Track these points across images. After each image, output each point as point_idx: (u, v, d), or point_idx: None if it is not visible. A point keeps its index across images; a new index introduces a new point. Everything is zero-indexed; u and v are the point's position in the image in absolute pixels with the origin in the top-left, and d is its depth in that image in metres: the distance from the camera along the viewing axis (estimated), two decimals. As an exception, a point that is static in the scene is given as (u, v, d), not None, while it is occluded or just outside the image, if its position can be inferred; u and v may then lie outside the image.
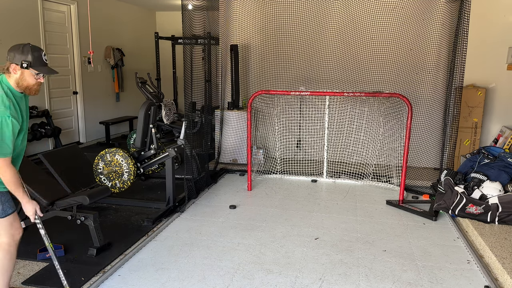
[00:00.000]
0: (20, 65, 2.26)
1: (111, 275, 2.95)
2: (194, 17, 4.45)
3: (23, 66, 2.26)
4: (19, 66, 2.26)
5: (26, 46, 2.29)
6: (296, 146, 5.82)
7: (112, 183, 4.37)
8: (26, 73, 2.28)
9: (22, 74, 2.28)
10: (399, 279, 2.91)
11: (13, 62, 2.26)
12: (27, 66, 2.26)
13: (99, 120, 7.56)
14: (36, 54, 2.30)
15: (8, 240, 2.41)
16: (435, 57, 5.35)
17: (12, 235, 2.42)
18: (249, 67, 6.05)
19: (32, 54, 2.28)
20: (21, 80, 2.29)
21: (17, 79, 2.28)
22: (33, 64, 2.29)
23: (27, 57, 2.27)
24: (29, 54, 2.27)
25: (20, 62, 2.26)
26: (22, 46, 2.29)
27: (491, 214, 3.72)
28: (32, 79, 2.31)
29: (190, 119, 4.69)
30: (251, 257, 3.22)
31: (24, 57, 2.26)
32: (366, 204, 4.42)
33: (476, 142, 5.56)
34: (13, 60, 2.26)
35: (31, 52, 2.28)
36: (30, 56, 2.28)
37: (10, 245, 2.43)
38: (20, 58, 2.26)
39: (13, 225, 2.43)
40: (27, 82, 2.30)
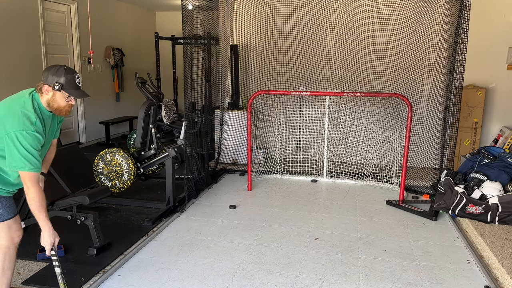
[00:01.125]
0: (52, 87, 2.28)
1: (111, 275, 2.95)
2: (194, 17, 4.45)
3: (55, 88, 2.28)
4: (51, 87, 2.29)
5: (60, 68, 2.31)
6: (296, 146, 5.82)
7: (112, 183, 4.37)
8: (58, 95, 2.31)
9: (53, 96, 2.31)
10: (399, 279, 2.91)
11: (46, 83, 2.29)
12: (59, 88, 2.29)
13: (99, 120, 7.56)
14: (69, 77, 2.32)
15: (7, 243, 2.41)
16: (435, 57, 5.35)
17: (11, 238, 2.42)
18: (249, 67, 6.05)
19: (65, 77, 2.30)
20: (52, 101, 2.32)
21: (48, 99, 2.31)
22: (65, 87, 2.30)
23: (59, 79, 2.28)
24: (62, 76, 2.29)
25: (52, 84, 2.28)
26: (57, 68, 2.31)
27: (491, 214, 3.72)
28: (63, 101, 2.33)
29: (190, 119, 4.69)
30: (251, 257, 3.22)
31: (56, 79, 2.28)
32: (366, 204, 4.42)
33: (476, 142, 5.56)
34: (46, 81, 2.29)
35: (64, 74, 2.30)
36: (63, 79, 2.29)
37: (10, 248, 2.42)
38: (53, 80, 2.28)
39: (13, 227, 2.42)
40: (57, 103, 2.33)
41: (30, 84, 2.50)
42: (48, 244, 2.31)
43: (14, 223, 2.44)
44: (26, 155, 2.17)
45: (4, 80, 5.66)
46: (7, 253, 2.41)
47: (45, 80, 2.29)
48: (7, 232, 2.40)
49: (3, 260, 2.40)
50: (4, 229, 2.39)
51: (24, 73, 6.00)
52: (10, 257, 2.43)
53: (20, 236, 2.47)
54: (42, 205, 2.25)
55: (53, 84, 2.27)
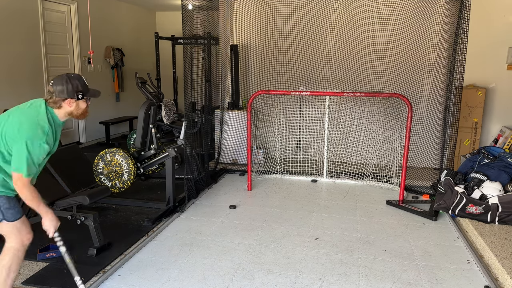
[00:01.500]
0: (75, 98, 2.36)
1: (111, 275, 2.95)
2: (194, 17, 4.45)
3: (79, 97, 2.37)
4: (74, 99, 2.36)
5: (70, 78, 2.37)
6: (296, 146, 5.81)
7: (112, 183, 4.37)
8: (80, 102, 2.40)
9: (77, 105, 2.39)
10: (399, 279, 2.91)
11: (66, 97, 2.34)
12: (82, 97, 2.38)
13: (99, 120, 7.56)
14: (81, 81, 2.41)
15: (17, 246, 2.42)
16: (435, 57, 5.35)
17: (21, 240, 2.44)
18: (249, 67, 6.05)
19: (80, 83, 2.38)
20: (77, 110, 2.41)
21: (71, 111, 2.39)
22: (84, 92, 2.40)
23: (78, 88, 2.36)
24: (78, 85, 2.37)
25: (74, 95, 2.35)
26: (65, 79, 2.36)
27: (491, 214, 3.72)
28: (84, 104, 2.44)
29: (190, 119, 4.69)
30: (251, 257, 3.22)
31: (75, 88, 2.35)
32: (366, 204, 4.42)
33: (476, 142, 5.56)
34: (64, 95, 2.33)
35: (78, 81, 2.38)
36: (80, 86, 2.38)
37: (19, 250, 2.43)
38: (73, 92, 2.35)
39: (23, 229, 2.44)
40: (81, 109, 2.44)
41: (30, 84, 2.51)
42: (50, 227, 2.40)
43: (24, 225, 2.45)
44: (29, 162, 2.24)
45: (4, 80, 5.66)
46: (15, 255, 2.42)
47: (62, 94, 2.33)
48: (17, 234, 2.41)
49: (10, 263, 2.41)
50: (15, 231, 2.41)
51: (24, 73, 6.00)
52: (18, 260, 2.44)
53: (30, 239, 2.49)
54: (34, 197, 2.32)
55: (76, 95, 2.35)
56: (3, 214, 2.35)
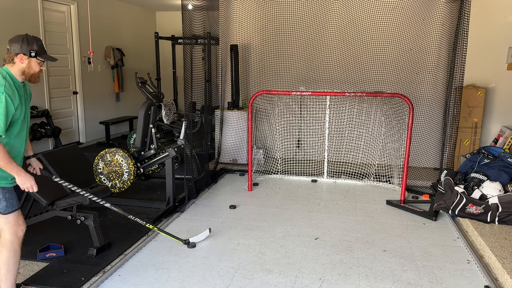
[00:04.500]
0: (28, 54, 2.37)
1: (111, 275, 2.94)
2: (194, 17, 4.45)
3: (31, 55, 2.38)
4: (26, 55, 2.37)
5: (28, 37, 2.41)
6: (296, 146, 5.81)
7: (112, 183, 4.37)
8: (33, 61, 2.41)
9: (29, 63, 2.40)
10: (399, 279, 2.91)
11: (20, 52, 2.36)
12: (35, 55, 2.39)
13: (99, 120, 7.56)
14: (39, 43, 2.45)
15: (11, 237, 2.43)
16: (435, 57, 5.35)
17: (15, 231, 2.44)
18: (249, 67, 6.05)
19: (37, 44, 2.42)
20: (28, 69, 2.41)
21: (23, 68, 2.39)
22: (39, 53, 2.42)
23: (33, 46, 2.40)
24: (34, 44, 2.41)
25: (27, 51, 2.37)
26: (23, 37, 2.40)
27: (491, 214, 3.72)
28: (37, 67, 2.45)
29: (190, 119, 4.69)
30: (251, 257, 3.22)
31: (30, 47, 2.38)
32: (366, 204, 4.42)
33: (476, 142, 5.56)
34: (19, 50, 2.36)
35: (35, 41, 2.42)
36: (36, 46, 2.41)
37: (14, 242, 2.44)
38: (27, 48, 2.38)
39: (17, 222, 2.45)
40: (33, 70, 2.43)
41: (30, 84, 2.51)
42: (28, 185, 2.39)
43: (18, 216, 2.46)
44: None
45: (4, 80, 5.66)
46: (11, 248, 2.43)
47: (16, 49, 2.36)
48: (11, 226, 2.42)
49: (8, 256, 2.42)
50: (8, 223, 2.41)
51: (24, 73, 5.99)
52: (15, 252, 2.45)
53: (23, 230, 2.50)
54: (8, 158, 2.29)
55: (29, 52, 2.37)
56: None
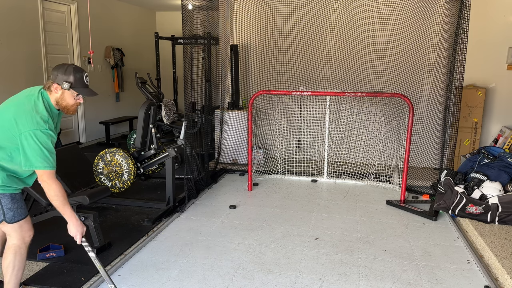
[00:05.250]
0: (61, 85, 2.32)
1: (111, 275, 2.94)
2: (194, 17, 4.45)
3: (64, 86, 2.32)
4: (60, 86, 2.33)
5: (69, 67, 2.35)
6: (296, 146, 5.81)
7: (112, 183, 4.37)
8: (67, 93, 2.35)
9: (62, 94, 2.35)
10: (399, 279, 2.91)
11: (55, 82, 2.33)
12: (68, 87, 2.33)
13: (99, 120, 7.56)
14: (78, 75, 2.36)
15: (19, 243, 2.44)
16: (435, 57, 5.35)
17: (23, 237, 2.45)
18: (249, 67, 6.05)
19: (74, 75, 2.34)
20: (61, 100, 2.36)
21: (57, 98, 2.36)
22: (74, 85, 2.34)
23: (68, 78, 2.33)
24: (71, 75, 2.33)
25: (62, 82, 2.32)
26: (66, 66, 2.35)
27: (491, 214, 3.72)
28: (72, 99, 2.38)
29: (190, 119, 4.69)
30: (251, 257, 3.22)
31: (66, 77, 2.32)
32: (366, 204, 4.42)
33: (476, 142, 5.56)
34: (55, 79, 2.33)
35: (73, 73, 2.34)
36: (72, 77, 2.33)
37: (21, 248, 2.45)
38: (62, 79, 2.32)
39: (24, 227, 2.45)
40: (66, 102, 2.37)
41: (30, 84, 2.52)
42: (76, 234, 2.39)
43: (25, 223, 2.46)
44: (42, 154, 2.20)
45: (4, 80, 5.66)
46: (17, 252, 2.43)
47: (54, 78, 2.33)
48: (18, 232, 2.42)
49: (13, 259, 2.42)
50: (16, 229, 2.42)
51: (24, 73, 6.00)
52: (20, 256, 2.45)
53: (31, 236, 2.50)
54: (65, 198, 2.31)
55: (62, 83, 2.31)
56: (4, 215, 2.36)
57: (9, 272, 2.43)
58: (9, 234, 2.43)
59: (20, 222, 2.42)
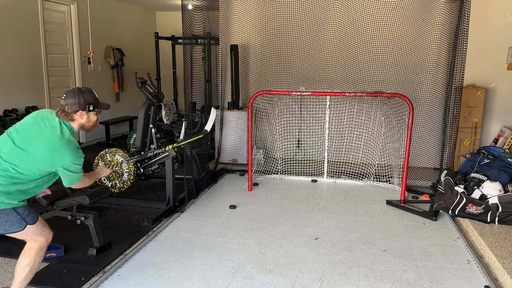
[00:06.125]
0: (86, 110, 2.43)
1: (111, 275, 2.95)
2: (194, 17, 4.45)
3: (90, 109, 2.45)
4: (85, 111, 2.43)
5: (80, 91, 2.46)
6: (296, 146, 5.81)
7: (112, 183, 4.37)
8: (91, 114, 2.48)
9: (88, 117, 2.47)
10: (399, 279, 2.91)
11: (78, 110, 2.41)
12: (93, 109, 2.46)
13: (99, 120, 7.55)
14: (92, 95, 2.49)
15: (41, 244, 2.47)
16: (435, 57, 5.34)
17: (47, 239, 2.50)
18: (249, 67, 6.05)
19: (90, 96, 2.47)
20: (87, 123, 2.50)
21: (82, 123, 2.48)
22: (96, 105, 2.48)
23: (88, 100, 2.44)
24: (88, 97, 2.45)
25: (85, 107, 2.43)
26: (76, 91, 2.45)
27: (491, 214, 3.72)
28: (95, 117, 2.53)
29: (190, 119, 4.69)
30: (251, 257, 3.22)
31: (85, 101, 2.43)
32: (366, 204, 4.42)
33: (476, 142, 5.56)
34: (75, 107, 2.40)
35: (87, 94, 2.46)
36: (91, 98, 2.46)
37: (42, 250, 2.49)
38: (84, 103, 2.42)
39: (45, 229, 2.51)
40: (92, 122, 2.53)
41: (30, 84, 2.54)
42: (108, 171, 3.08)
43: (44, 225, 2.52)
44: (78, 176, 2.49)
45: (4, 80, 5.66)
46: (38, 255, 2.47)
47: (74, 106, 2.40)
48: (42, 234, 2.47)
49: (33, 261, 2.46)
50: (40, 231, 2.46)
51: (24, 73, 6.00)
52: (40, 259, 2.50)
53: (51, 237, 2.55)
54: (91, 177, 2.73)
55: (87, 107, 2.43)
56: (25, 220, 2.40)
57: (26, 272, 2.45)
58: (33, 238, 2.45)
59: (40, 224, 2.47)
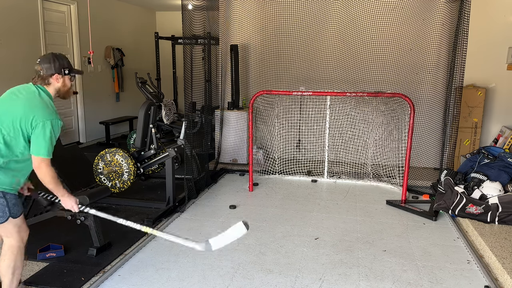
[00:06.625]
0: (62, 73, 2.43)
1: (111, 275, 2.95)
2: (194, 17, 4.45)
3: (65, 73, 2.44)
4: (61, 74, 2.43)
5: (55, 55, 2.45)
6: (296, 146, 5.81)
7: (112, 183, 4.37)
8: (66, 78, 2.47)
9: (63, 81, 2.46)
10: (399, 279, 2.91)
11: (54, 73, 2.41)
12: (68, 72, 2.45)
13: (99, 120, 7.56)
14: (67, 60, 2.49)
15: (18, 243, 2.46)
16: (435, 57, 5.35)
17: (22, 237, 2.48)
18: (249, 67, 6.05)
19: (65, 61, 2.47)
20: (63, 87, 2.48)
21: (59, 87, 2.46)
22: (70, 69, 2.48)
23: (63, 64, 2.44)
24: (64, 61, 2.45)
25: (61, 70, 2.42)
26: (52, 56, 2.44)
27: (491, 214, 3.72)
28: (69, 82, 2.51)
29: (190, 119, 4.69)
30: (251, 257, 3.22)
31: (60, 65, 2.43)
32: (366, 204, 4.42)
33: (476, 142, 5.56)
34: (53, 70, 2.41)
35: (62, 59, 2.46)
36: (65, 63, 2.46)
37: (21, 248, 2.48)
38: (60, 67, 2.42)
39: (22, 227, 2.48)
40: (67, 86, 2.51)
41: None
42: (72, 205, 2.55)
43: (23, 222, 2.49)
44: (50, 143, 2.31)
45: (4, 80, 5.66)
46: (18, 252, 2.46)
47: (49, 70, 2.40)
48: (17, 231, 2.45)
49: (14, 260, 2.45)
50: (17, 229, 2.44)
51: (24, 73, 5.99)
52: (20, 256, 2.48)
53: (27, 235, 2.54)
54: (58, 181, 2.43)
55: (62, 71, 2.42)
56: (10, 211, 2.39)
57: (10, 273, 2.44)
58: (9, 235, 2.44)
59: (20, 219, 2.45)
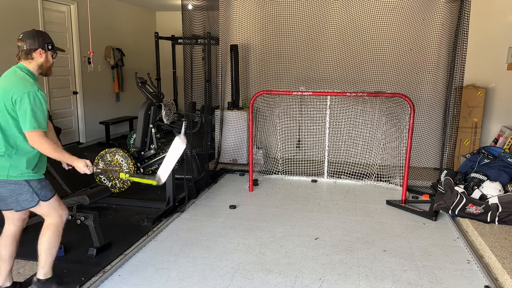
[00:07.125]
0: (46, 48, 2.43)
1: (111, 275, 2.95)
2: (194, 17, 4.45)
3: (48, 48, 2.44)
4: (44, 50, 2.43)
5: (38, 32, 2.46)
6: (296, 146, 5.81)
7: (112, 183, 4.37)
8: (49, 54, 2.47)
9: (46, 56, 2.46)
10: (399, 279, 2.91)
11: (38, 47, 2.41)
12: (51, 47, 2.46)
13: (99, 120, 7.56)
14: (50, 37, 2.50)
15: (55, 222, 2.50)
16: (435, 57, 5.35)
17: (61, 215, 2.52)
18: (249, 67, 6.05)
19: (48, 37, 2.48)
20: (46, 62, 2.48)
21: (42, 62, 2.45)
22: (53, 46, 2.49)
23: (46, 40, 2.44)
24: (46, 37, 2.46)
25: (44, 45, 2.42)
26: (34, 32, 2.45)
27: (491, 214, 3.72)
28: (51, 59, 2.51)
29: (190, 119, 4.69)
30: (251, 257, 3.22)
31: (43, 41, 2.43)
32: (366, 204, 4.42)
33: (476, 142, 5.55)
34: (36, 45, 2.41)
35: (45, 35, 2.47)
36: (48, 39, 2.47)
37: (59, 226, 2.52)
38: (43, 42, 2.43)
39: (60, 206, 2.52)
40: (50, 62, 2.51)
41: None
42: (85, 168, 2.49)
43: (59, 201, 2.53)
44: (34, 115, 2.27)
45: (4, 80, 5.66)
46: (55, 231, 2.50)
47: (33, 45, 2.40)
48: (57, 210, 2.49)
49: (51, 237, 2.48)
50: (54, 206, 2.48)
51: (24, 73, 5.99)
52: (58, 234, 2.52)
53: (67, 214, 2.58)
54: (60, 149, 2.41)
55: (46, 46, 2.43)
56: (38, 195, 2.41)
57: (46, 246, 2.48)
58: (48, 214, 2.48)
59: (54, 200, 2.48)
